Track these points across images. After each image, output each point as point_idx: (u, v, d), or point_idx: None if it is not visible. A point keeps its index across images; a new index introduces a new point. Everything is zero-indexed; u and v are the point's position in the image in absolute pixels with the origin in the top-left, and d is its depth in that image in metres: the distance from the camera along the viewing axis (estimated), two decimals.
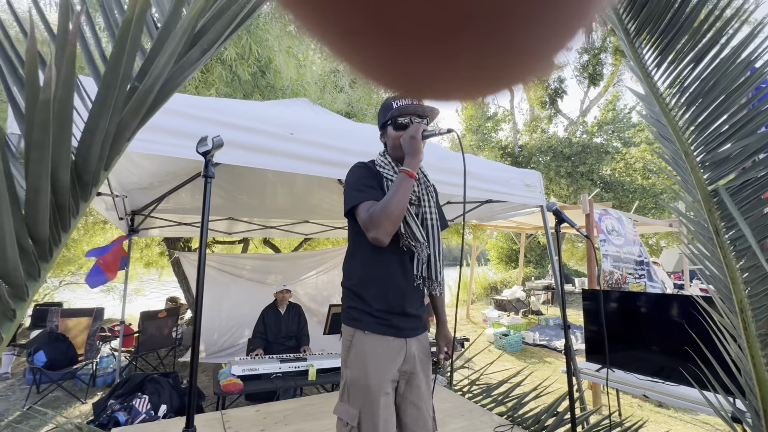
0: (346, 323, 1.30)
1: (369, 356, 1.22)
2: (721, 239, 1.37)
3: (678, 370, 2.36)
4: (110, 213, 3.14)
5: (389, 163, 1.34)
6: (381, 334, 1.24)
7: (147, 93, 0.48)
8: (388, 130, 1.34)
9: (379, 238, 1.16)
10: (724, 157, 1.29)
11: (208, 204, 1.07)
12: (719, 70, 1.17)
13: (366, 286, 1.28)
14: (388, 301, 1.26)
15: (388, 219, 1.15)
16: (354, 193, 1.25)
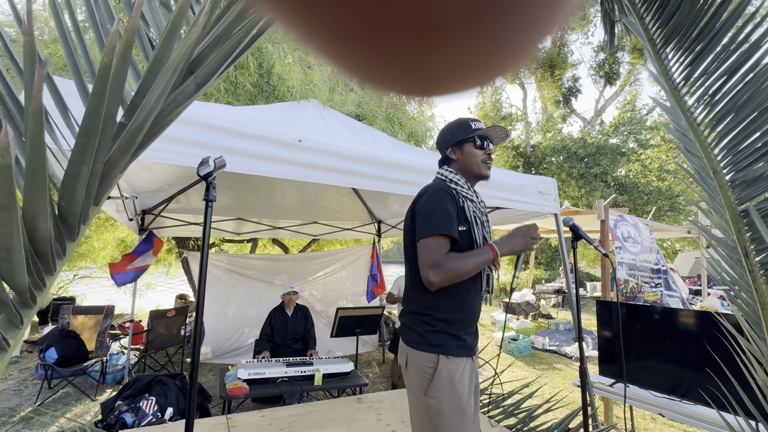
0: (425, 349, 1.22)
1: (459, 382, 1.20)
2: (750, 262, 1.29)
3: (695, 388, 2.27)
4: (120, 215, 3.15)
5: (466, 182, 1.35)
6: (463, 357, 1.24)
7: (137, 130, 0.44)
8: (465, 147, 1.34)
9: (435, 284, 1.17)
10: (757, 176, 1.21)
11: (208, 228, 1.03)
12: (753, 85, 1.09)
13: (450, 310, 1.25)
14: (466, 323, 1.27)
15: (455, 277, 1.18)
16: (435, 222, 1.21)
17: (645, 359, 2.70)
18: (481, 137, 1.34)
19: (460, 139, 1.35)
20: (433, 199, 1.25)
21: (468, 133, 1.33)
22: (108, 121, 0.40)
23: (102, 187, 0.48)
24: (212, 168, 1.04)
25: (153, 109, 0.42)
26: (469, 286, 1.27)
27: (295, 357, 3.47)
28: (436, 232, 1.19)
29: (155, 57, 0.42)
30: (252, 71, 3.62)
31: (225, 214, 4.63)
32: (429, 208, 1.24)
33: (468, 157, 1.34)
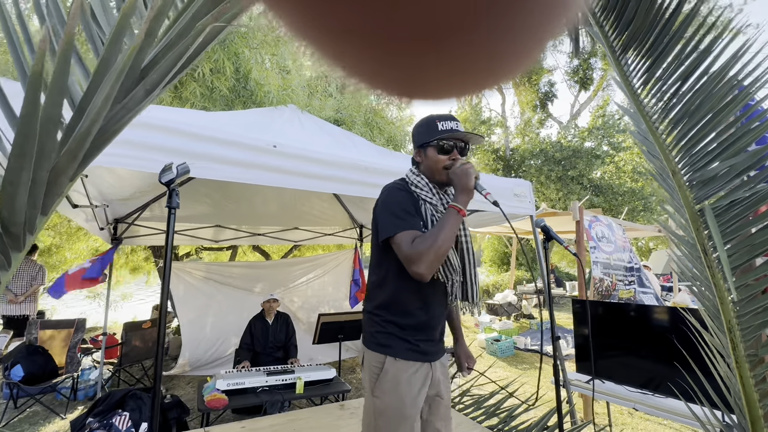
0: (374, 349, 1.22)
1: (403, 384, 1.17)
2: (709, 259, 1.35)
3: (667, 382, 2.34)
4: (90, 224, 3.05)
5: (427, 184, 1.27)
6: (412, 360, 1.20)
7: (84, 136, 0.43)
8: (428, 151, 1.26)
9: (424, 274, 1.09)
10: (712, 176, 1.27)
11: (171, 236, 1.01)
12: (705, 89, 1.15)
13: (397, 311, 1.23)
14: (421, 329, 1.24)
15: (435, 255, 1.09)
16: (394, 220, 1.17)
17: (620, 356, 2.78)
18: (445, 141, 1.24)
19: (423, 142, 1.28)
20: (389, 199, 1.23)
21: (432, 136, 1.25)
22: (48, 126, 0.39)
23: (49, 196, 0.46)
24: (175, 174, 1.02)
25: (99, 114, 0.41)
26: (426, 293, 1.23)
27: (276, 365, 3.41)
28: (398, 230, 1.15)
29: (101, 62, 0.41)
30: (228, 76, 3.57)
31: (203, 222, 4.53)
32: (385, 207, 1.22)
33: (431, 163, 1.26)
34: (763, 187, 1.27)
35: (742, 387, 1.38)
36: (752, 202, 1.28)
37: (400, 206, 1.20)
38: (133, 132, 1.55)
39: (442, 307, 1.29)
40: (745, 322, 1.36)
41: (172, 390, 4.26)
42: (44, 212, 0.48)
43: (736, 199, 1.29)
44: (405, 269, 1.14)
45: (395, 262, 1.19)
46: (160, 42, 0.48)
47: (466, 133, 1.23)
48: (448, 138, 1.24)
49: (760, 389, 1.36)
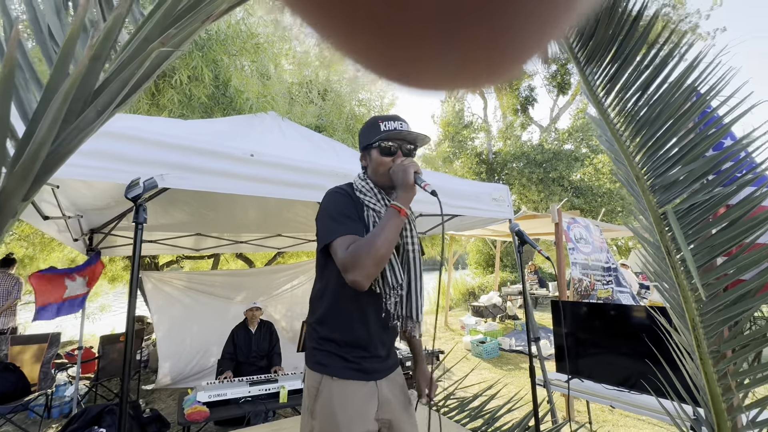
0: (312, 367, 1.15)
1: (339, 407, 1.08)
2: (672, 259, 1.41)
3: (641, 379, 2.42)
4: (63, 235, 2.96)
5: (371, 189, 1.19)
6: (350, 379, 1.12)
7: (33, 159, 0.43)
8: (372, 153, 1.18)
9: (360, 282, 1.01)
10: (673, 181, 1.33)
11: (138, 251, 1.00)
12: (664, 98, 1.21)
13: (336, 326, 1.15)
14: (359, 343, 1.14)
15: (373, 261, 0.99)
16: (331, 225, 1.10)
17: (598, 354, 2.85)
18: (386, 141, 1.15)
19: (366, 144, 1.20)
20: (328, 203, 1.17)
21: (374, 137, 1.17)
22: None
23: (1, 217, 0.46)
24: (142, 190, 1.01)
25: (47, 138, 0.41)
26: (365, 306, 1.14)
27: (259, 375, 3.37)
28: (336, 235, 1.07)
29: (47, 88, 0.41)
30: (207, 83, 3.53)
31: (183, 230, 4.45)
32: (324, 212, 1.15)
33: (374, 166, 1.18)
34: (720, 191, 1.33)
35: (707, 382, 1.43)
36: (711, 205, 1.34)
37: (338, 210, 1.13)
38: (105, 143, 1.53)
39: (387, 324, 1.17)
40: (708, 320, 1.42)
41: (152, 404, 4.15)
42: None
43: (695, 203, 1.35)
44: (344, 281, 1.06)
45: (336, 271, 1.10)
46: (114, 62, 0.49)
47: (409, 132, 1.15)
48: (391, 138, 1.16)
49: (723, 384, 1.42)
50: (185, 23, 0.47)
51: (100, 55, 0.41)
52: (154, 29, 0.46)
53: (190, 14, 0.48)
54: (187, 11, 0.48)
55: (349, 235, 1.07)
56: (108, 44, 0.41)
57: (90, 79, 0.43)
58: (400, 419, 1.19)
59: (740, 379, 1.42)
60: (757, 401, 1.41)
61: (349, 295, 1.12)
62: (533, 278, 10.44)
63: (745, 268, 1.35)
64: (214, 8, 0.45)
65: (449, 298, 9.72)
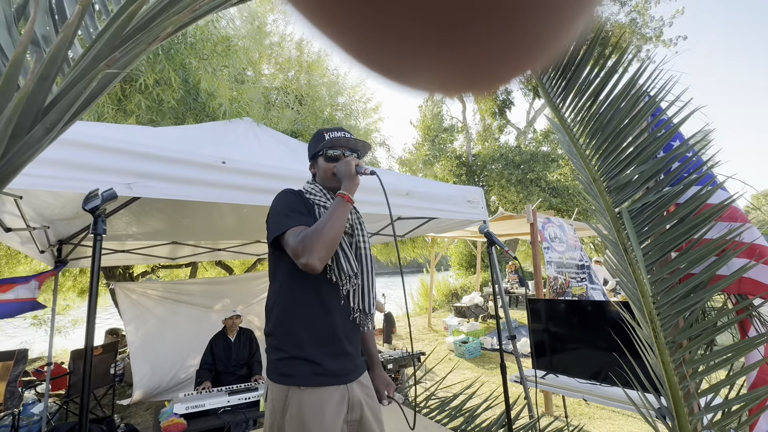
0: (276, 380, 1.10)
1: (311, 419, 1.04)
2: (629, 256, 1.49)
3: (610, 372, 2.51)
4: (27, 246, 2.85)
5: (321, 190, 1.26)
6: (320, 386, 1.08)
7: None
8: (318, 161, 1.29)
9: (312, 264, 1.02)
10: (626, 182, 1.41)
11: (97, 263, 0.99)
12: (612, 106, 1.29)
13: (296, 329, 1.12)
14: (323, 343, 1.12)
15: (322, 243, 1.03)
16: (281, 219, 1.13)
17: (571, 350, 2.95)
18: (331, 149, 1.26)
19: (313, 153, 1.31)
20: (278, 201, 1.22)
21: (318, 146, 1.27)
22: None
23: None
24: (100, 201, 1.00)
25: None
26: (325, 298, 1.15)
27: (239, 384, 3.32)
28: (286, 227, 1.11)
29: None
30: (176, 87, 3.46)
31: (158, 239, 4.34)
32: (274, 210, 1.20)
33: (321, 172, 1.27)
34: (669, 190, 1.42)
35: (665, 371, 1.52)
36: (662, 203, 1.43)
37: (288, 207, 1.17)
38: (71, 152, 1.50)
39: (349, 320, 1.20)
40: (664, 312, 1.50)
41: (128, 418, 4.03)
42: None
43: (648, 202, 1.44)
44: (298, 275, 1.10)
45: (288, 268, 1.13)
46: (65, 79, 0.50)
47: (350, 139, 1.25)
48: (335, 146, 1.26)
49: (679, 372, 1.50)
50: (133, 44, 0.49)
51: (48, 74, 0.42)
52: (103, 48, 0.48)
53: (140, 34, 0.50)
54: (135, 32, 0.50)
55: (299, 226, 1.11)
56: (55, 64, 0.43)
57: (38, 96, 0.44)
58: (369, 417, 1.20)
59: (695, 367, 1.50)
60: (710, 387, 1.50)
61: (308, 294, 1.14)
62: (514, 277, 10.65)
63: (695, 262, 1.44)
64: (160, 30, 0.47)
65: (432, 299, 9.80)
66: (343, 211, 1.11)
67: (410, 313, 11.65)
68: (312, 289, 1.14)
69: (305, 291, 1.14)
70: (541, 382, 2.81)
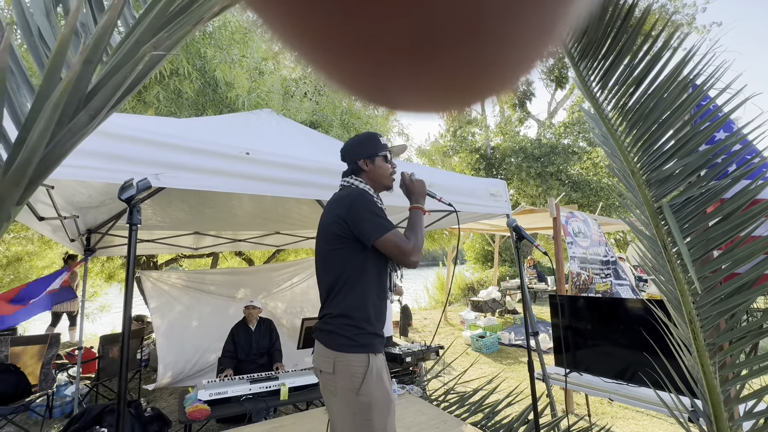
0: (357, 350, 1.31)
1: (385, 375, 1.34)
2: (669, 253, 1.41)
3: (639, 372, 2.43)
4: (58, 235, 2.95)
5: (373, 191, 1.50)
6: (381, 353, 1.38)
7: (25, 165, 0.43)
8: (376, 160, 1.50)
9: (417, 262, 1.37)
10: (668, 175, 1.33)
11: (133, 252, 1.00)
12: (657, 93, 1.21)
13: (372, 308, 1.37)
14: (381, 321, 1.41)
15: (422, 247, 1.40)
16: (380, 221, 1.36)
17: (596, 348, 2.87)
18: (390, 153, 1.55)
19: (372, 153, 1.50)
20: (367, 203, 1.39)
21: (379, 147, 1.50)
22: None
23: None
24: (135, 191, 1.01)
25: (38, 143, 0.42)
26: (378, 287, 1.40)
27: (260, 372, 3.38)
28: (388, 230, 1.35)
29: (40, 92, 0.41)
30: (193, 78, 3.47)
31: (181, 229, 4.44)
32: (368, 211, 1.37)
33: (379, 170, 1.50)
34: (715, 185, 1.34)
35: (704, 374, 1.45)
36: (705, 198, 1.35)
37: (377, 212, 1.38)
38: (100, 142, 1.52)
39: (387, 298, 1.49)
40: (704, 313, 1.43)
41: (154, 402, 4.17)
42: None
43: (691, 197, 1.36)
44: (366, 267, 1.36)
45: (360, 261, 1.36)
46: (106, 65, 0.49)
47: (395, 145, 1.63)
48: (390, 150, 1.56)
49: (720, 375, 1.43)
50: (176, 26, 0.47)
51: (92, 59, 0.41)
52: (145, 32, 0.46)
53: (181, 17, 0.48)
54: (177, 14, 0.48)
55: (395, 229, 1.37)
56: (99, 48, 0.41)
57: (82, 82, 0.43)
58: None
59: (737, 370, 1.43)
60: (753, 392, 1.42)
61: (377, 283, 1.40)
62: (532, 272, 10.48)
63: (741, 262, 1.36)
64: (204, 11, 0.45)
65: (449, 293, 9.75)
66: (423, 221, 1.48)
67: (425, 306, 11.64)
68: (376, 279, 1.40)
69: (375, 281, 1.39)
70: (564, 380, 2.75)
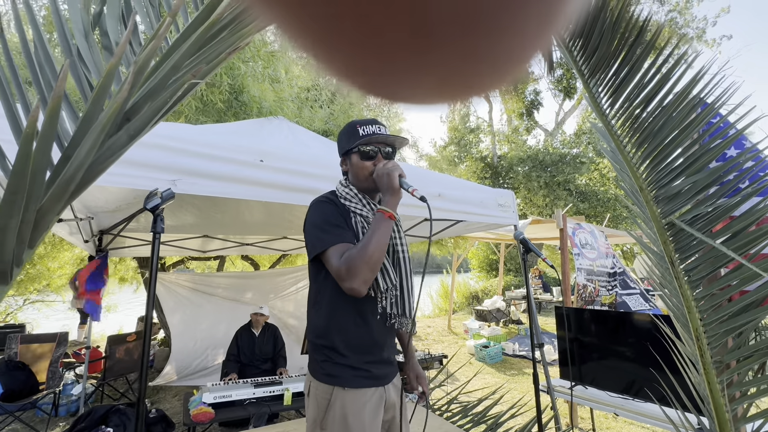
0: (321, 380, 1.13)
1: (352, 416, 1.08)
2: (676, 270, 1.42)
3: (645, 387, 2.41)
4: (75, 237, 3.01)
5: (356, 195, 1.20)
6: (362, 388, 1.12)
7: (69, 180, 0.46)
8: (352, 158, 1.19)
9: (357, 288, 1.03)
10: (676, 192, 1.34)
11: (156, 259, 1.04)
12: (666, 112, 1.23)
13: (339, 335, 1.13)
14: (365, 349, 1.14)
15: (367, 266, 1.02)
16: (320, 235, 1.11)
17: (602, 361, 2.85)
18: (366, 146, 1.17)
19: (346, 149, 1.21)
20: (314, 213, 1.18)
21: (353, 142, 1.18)
22: (37, 175, 0.42)
23: (36, 232, 0.49)
24: (160, 201, 1.04)
25: (84, 162, 0.45)
26: (363, 309, 1.14)
27: (263, 377, 3.40)
28: (326, 245, 1.09)
29: (85, 115, 0.44)
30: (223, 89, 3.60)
31: (190, 232, 4.50)
32: (311, 222, 1.16)
33: (356, 170, 1.19)
34: (724, 202, 1.34)
35: (710, 392, 1.44)
36: (714, 216, 1.35)
37: (325, 220, 1.14)
38: None
39: (387, 326, 1.19)
40: (711, 330, 1.43)
41: (158, 404, 4.20)
42: (31, 246, 0.51)
43: (699, 214, 1.36)
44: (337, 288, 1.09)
45: (330, 279, 1.12)
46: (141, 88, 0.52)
47: (387, 135, 1.17)
48: (371, 142, 1.17)
49: (727, 394, 1.42)
50: (209, 51, 0.50)
51: (135, 83, 0.44)
52: (181, 58, 0.49)
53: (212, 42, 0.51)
54: (211, 39, 0.51)
55: (340, 244, 1.09)
56: (142, 74, 0.44)
57: (124, 105, 0.46)
58: (398, 417, 1.22)
59: (744, 389, 1.42)
60: (761, 412, 1.41)
61: (348, 303, 1.13)
62: (537, 283, 10.41)
63: (749, 280, 1.36)
64: (234, 39, 0.48)
65: (452, 301, 9.71)
66: (386, 229, 1.06)
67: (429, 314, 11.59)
68: (350, 301, 1.12)
69: (344, 303, 1.14)
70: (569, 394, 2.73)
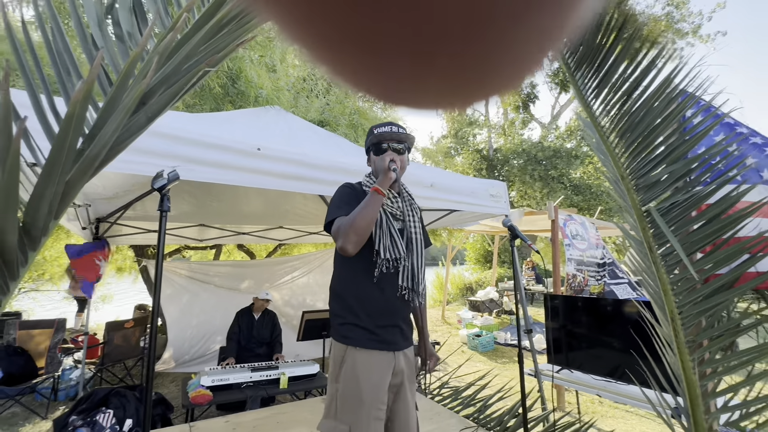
0: (338, 340, 1.32)
1: (361, 371, 1.24)
2: (654, 255, 1.50)
3: (627, 369, 2.52)
4: (72, 223, 3.05)
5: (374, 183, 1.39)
6: (372, 349, 1.28)
7: (95, 157, 0.52)
8: (371, 155, 1.46)
9: (345, 248, 1.21)
10: (655, 181, 1.42)
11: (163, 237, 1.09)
12: (645, 104, 1.30)
13: (355, 302, 1.31)
14: (377, 315, 1.31)
15: (354, 230, 1.21)
16: (332, 210, 1.34)
17: (587, 346, 2.96)
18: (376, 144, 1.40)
19: (366, 148, 1.48)
20: (335, 195, 1.40)
21: (370, 141, 1.43)
22: (70, 150, 0.48)
23: (62, 204, 0.55)
24: (166, 181, 1.10)
25: (108, 141, 0.50)
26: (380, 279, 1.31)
27: (258, 362, 3.48)
28: (332, 218, 1.30)
29: (110, 98, 0.50)
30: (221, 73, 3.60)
31: (186, 221, 4.54)
32: (332, 201, 1.38)
33: (375, 165, 1.43)
34: (699, 190, 1.42)
35: (683, 370, 1.53)
36: (690, 204, 1.43)
37: (341, 200, 1.35)
38: None
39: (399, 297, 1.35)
40: (686, 311, 1.52)
41: (156, 388, 4.27)
42: (56, 217, 0.57)
43: (676, 201, 1.44)
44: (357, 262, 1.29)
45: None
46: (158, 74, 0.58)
47: (394, 133, 1.38)
48: (381, 140, 1.39)
49: (699, 371, 1.51)
50: (219, 41, 0.56)
51: (156, 70, 0.50)
52: (194, 48, 0.55)
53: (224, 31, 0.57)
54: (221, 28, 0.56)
55: (344, 216, 1.28)
56: (161, 62, 0.50)
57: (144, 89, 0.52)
58: (406, 385, 1.37)
59: (714, 366, 1.52)
60: (729, 387, 1.51)
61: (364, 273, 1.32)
62: (530, 274, 10.56)
63: (722, 263, 1.45)
64: (242, 31, 0.54)
65: (447, 292, 9.84)
66: (374, 202, 1.25)
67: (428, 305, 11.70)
68: (365, 268, 1.31)
69: (365, 275, 1.32)
70: (556, 377, 2.85)
